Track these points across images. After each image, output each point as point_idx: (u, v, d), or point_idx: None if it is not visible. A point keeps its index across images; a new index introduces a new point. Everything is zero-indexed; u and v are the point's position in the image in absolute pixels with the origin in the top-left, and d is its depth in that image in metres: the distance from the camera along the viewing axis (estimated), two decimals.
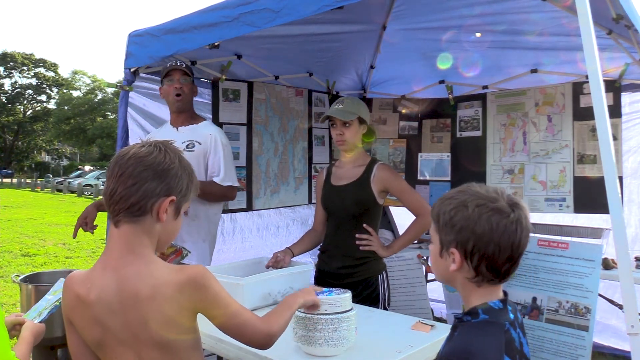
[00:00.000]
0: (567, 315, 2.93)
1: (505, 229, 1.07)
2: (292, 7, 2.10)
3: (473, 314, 1.11)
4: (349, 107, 2.47)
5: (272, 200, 3.77)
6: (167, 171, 1.23)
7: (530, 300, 3.07)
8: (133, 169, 1.21)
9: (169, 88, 2.70)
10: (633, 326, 1.35)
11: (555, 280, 3.02)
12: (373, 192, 2.46)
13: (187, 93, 2.72)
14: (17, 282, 2.64)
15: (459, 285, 1.16)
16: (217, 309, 1.25)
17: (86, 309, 1.23)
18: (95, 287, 1.22)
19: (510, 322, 1.10)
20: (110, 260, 1.24)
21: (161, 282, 1.19)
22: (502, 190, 1.13)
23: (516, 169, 3.70)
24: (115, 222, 1.23)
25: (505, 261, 1.09)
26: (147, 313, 1.19)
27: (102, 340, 1.24)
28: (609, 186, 1.39)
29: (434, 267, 1.20)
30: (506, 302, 1.13)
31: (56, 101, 50.69)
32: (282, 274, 2.25)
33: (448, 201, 1.14)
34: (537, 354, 2.99)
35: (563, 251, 3.01)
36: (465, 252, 1.09)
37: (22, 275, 2.73)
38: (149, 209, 1.21)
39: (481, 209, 1.08)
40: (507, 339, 1.06)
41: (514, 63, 3.59)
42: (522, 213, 1.10)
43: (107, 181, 1.24)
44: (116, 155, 1.27)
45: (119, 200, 1.20)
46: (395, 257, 3.74)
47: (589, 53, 1.41)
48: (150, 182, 1.21)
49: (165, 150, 1.25)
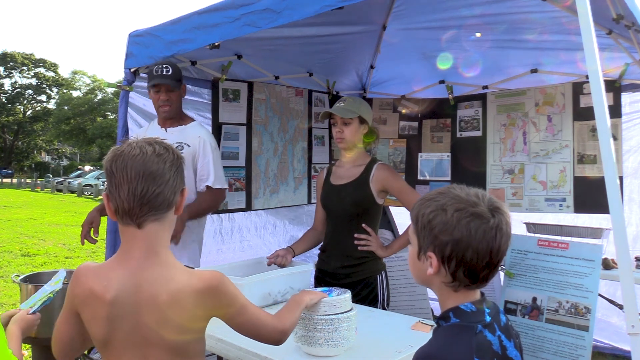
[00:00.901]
0: (567, 315, 2.93)
1: (484, 234, 1.04)
2: (294, 8, 2.10)
3: (445, 318, 1.10)
4: (350, 106, 2.47)
5: (271, 200, 3.77)
6: (180, 166, 1.28)
7: (530, 300, 3.08)
8: (158, 166, 1.22)
9: (155, 97, 2.68)
10: (633, 326, 1.35)
11: (555, 280, 3.03)
12: (372, 191, 2.46)
13: (175, 101, 2.69)
14: (17, 282, 2.64)
15: (436, 289, 1.13)
16: (233, 310, 1.29)
17: (100, 306, 1.23)
18: (113, 286, 1.22)
19: (486, 324, 1.07)
20: (131, 261, 1.23)
21: (180, 288, 1.21)
22: (484, 193, 1.10)
23: (516, 169, 3.70)
24: (139, 223, 1.22)
25: (484, 267, 1.06)
26: (163, 317, 1.20)
27: (109, 338, 1.24)
28: (609, 186, 1.39)
29: (411, 268, 1.18)
30: (482, 304, 1.11)
31: (56, 101, 50.68)
32: (282, 274, 2.25)
33: (427, 203, 1.10)
34: (537, 354, 3.00)
35: (563, 251, 3.02)
36: (443, 257, 1.06)
37: (22, 275, 2.73)
38: (174, 204, 1.26)
39: (460, 213, 1.05)
40: (479, 341, 1.04)
41: (514, 63, 3.59)
42: (503, 218, 1.07)
43: (125, 184, 1.20)
44: (119, 158, 1.23)
45: (150, 200, 1.21)
46: (395, 257, 3.74)
47: (589, 53, 1.41)
48: (175, 178, 1.25)
49: (167, 147, 1.28)
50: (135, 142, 1.27)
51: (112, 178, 1.23)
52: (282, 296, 2.25)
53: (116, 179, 1.22)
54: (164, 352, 1.23)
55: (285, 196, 3.87)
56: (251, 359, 1.68)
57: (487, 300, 1.14)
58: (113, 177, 1.22)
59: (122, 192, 1.21)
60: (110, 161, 1.24)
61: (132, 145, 1.25)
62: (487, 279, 1.09)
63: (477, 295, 1.13)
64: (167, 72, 2.61)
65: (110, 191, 1.24)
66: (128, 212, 1.21)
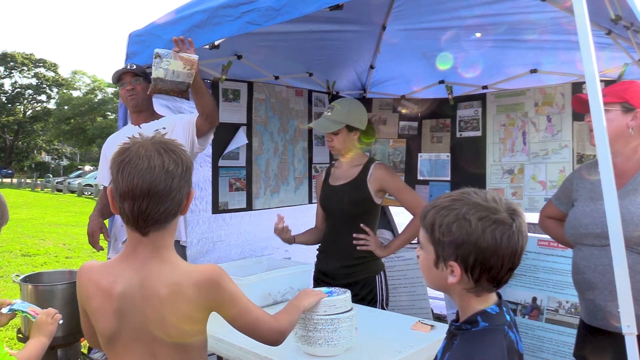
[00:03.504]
0: (567, 315, 2.94)
1: (509, 240, 1.03)
2: (293, 5, 2.11)
3: (473, 323, 1.09)
4: (336, 116, 2.46)
5: (272, 200, 3.77)
6: (188, 172, 1.25)
7: (530, 300, 3.08)
8: (165, 184, 1.19)
9: (122, 91, 2.78)
10: (629, 326, 1.36)
11: (555, 280, 3.04)
12: (370, 191, 2.46)
13: (140, 91, 2.75)
14: (17, 282, 2.64)
15: (456, 295, 1.12)
16: (233, 306, 1.30)
17: (108, 300, 1.24)
18: (120, 281, 1.24)
19: (508, 324, 1.09)
20: (135, 261, 1.25)
21: (180, 282, 1.23)
22: (500, 197, 1.09)
23: (516, 169, 3.70)
24: (144, 233, 1.22)
25: (507, 271, 1.07)
26: (166, 312, 1.22)
27: (116, 333, 1.25)
28: (606, 186, 1.39)
29: (427, 276, 1.15)
30: (502, 305, 1.12)
31: (56, 101, 50.68)
32: (282, 274, 2.25)
33: (444, 212, 1.07)
34: (537, 354, 3.00)
35: (563, 251, 3.02)
36: (466, 266, 1.05)
37: (22, 275, 2.73)
38: (180, 211, 1.26)
39: (484, 222, 1.03)
40: (508, 342, 1.06)
41: (514, 63, 3.59)
42: (521, 220, 1.07)
43: (130, 200, 1.18)
44: (126, 167, 1.19)
45: (155, 217, 1.20)
46: (395, 257, 3.75)
47: (585, 54, 1.42)
48: (182, 190, 1.23)
49: (177, 153, 1.24)
50: (144, 146, 1.21)
51: (117, 184, 1.21)
52: (282, 296, 2.26)
53: (121, 189, 1.20)
54: (169, 347, 1.25)
55: (286, 196, 3.88)
56: (251, 359, 1.68)
57: (502, 298, 1.15)
58: (118, 184, 1.20)
59: (126, 205, 1.19)
60: (116, 166, 1.21)
61: (140, 152, 1.19)
62: (507, 281, 1.09)
63: (495, 295, 1.14)
64: (130, 67, 2.77)
65: (114, 195, 1.23)
66: (132, 223, 1.22)
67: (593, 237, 1.86)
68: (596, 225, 1.85)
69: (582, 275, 1.92)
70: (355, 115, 2.48)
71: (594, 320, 1.89)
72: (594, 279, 1.86)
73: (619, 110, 1.87)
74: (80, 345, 2.64)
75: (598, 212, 1.84)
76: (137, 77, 2.76)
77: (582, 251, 1.93)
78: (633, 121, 1.86)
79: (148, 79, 2.76)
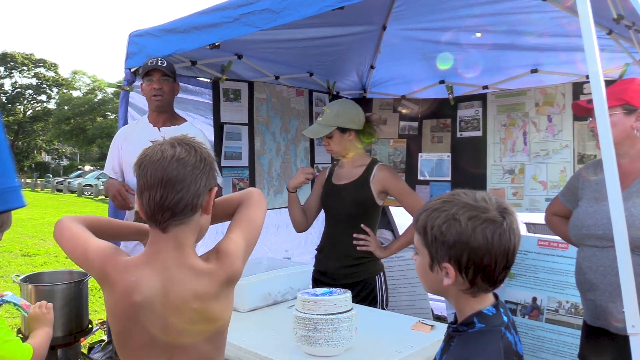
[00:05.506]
0: (567, 315, 2.93)
1: (500, 238, 1.04)
2: (293, 8, 2.10)
3: (469, 324, 1.09)
4: (326, 120, 2.46)
5: (275, 200, 3.77)
6: (206, 166, 1.25)
7: (530, 300, 3.08)
8: (177, 172, 1.20)
9: (148, 87, 2.67)
10: (634, 326, 1.35)
11: (555, 280, 3.04)
12: (372, 192, 2.46)
13: (167, 92, 2.68)
14: (17, 282, 2.64)
15: (453, 298, 1.13)
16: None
17: (126, 301, 1.21)
18: (142, 284, 1.20)
19: (505, 325, 1.09)
20: (157, 263, 1.23)
21: (205, 283, 1.23)
22: (490, 195, 1.09)
23: (516, 169, 3.70)
24: (162, 228, 1.22)
25: (502, 270, 1.07)
26: (192, 316, 1.22)
27: (130, 334, 1.23)
28: (610, 186, 1.39)
29: (423, 280, 1.16)
30: (498, 306, 1.12)
31: (56, 101, 50.66)
32: (282, 274, 2.25)
33: (435, 213, 1.08)
34: (537, 354, 3.00)
35: (563, 251, 3.02)
36: (460, 266, 1.06)
37: (22, 275, 2.73)
38: (199, 206, 1.24)
39: (474, 221, 1.04)
40: (505, 344, 1.05)
41: (514, 63, 3.59)
42: (512, 218, 1.07)
43: (146, 191, 1.20)
44: (143, 162, 1.22)
45: (170, 207, 1.20)
46: (395, 257, 3.74)
47: (590, 53, 1.41)
48: (199, 181, 1.22)
49: (193, 146, 1.26)
50: (161, 143, 1.25)
51: (138, 182, 1.23)
52: (282, 296, 2.25)
53: (140, 184, 1.22)
54: (190, 354, 1.24)
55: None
56: (251, 359, 1.68)
57: (500, 299, 1.15)
58: (139, 181, 1.23)
59: (144, 198, 1.21)
60: (136, 164, 1.24)
61: (156, 148, 1.24)
62: (503, 280, 1.09)
63: (492, 296, 1.14)
64: (161, 63, 2.65)
65: (137, 194, 1.25)
66: (151, 217, 1.22)
67: (595, 239, 1.86)
68: (598, 227, 1.84)
69: (583, 276, 1.91)
70: (346, 116, 2.46)
71: (596, 320, 1.89)
72: (595, 279, 1.86)
73: (620, 113, 1.85)
74: (80, 345, 2.64)
75: (601, 213, 1.83)
76: (166, 76, 2.66)
77: (584, 251, 1.92)
78: (637, 122, 1.84)
79: (175, 77, 2.72)
